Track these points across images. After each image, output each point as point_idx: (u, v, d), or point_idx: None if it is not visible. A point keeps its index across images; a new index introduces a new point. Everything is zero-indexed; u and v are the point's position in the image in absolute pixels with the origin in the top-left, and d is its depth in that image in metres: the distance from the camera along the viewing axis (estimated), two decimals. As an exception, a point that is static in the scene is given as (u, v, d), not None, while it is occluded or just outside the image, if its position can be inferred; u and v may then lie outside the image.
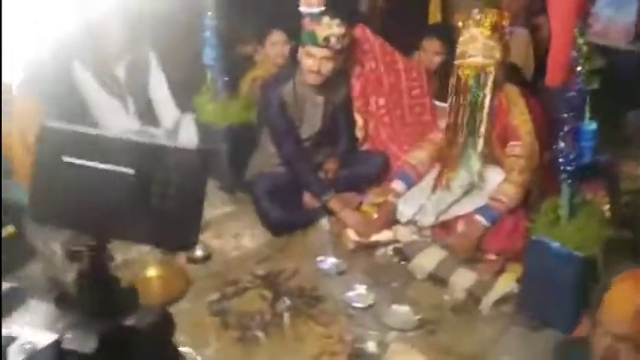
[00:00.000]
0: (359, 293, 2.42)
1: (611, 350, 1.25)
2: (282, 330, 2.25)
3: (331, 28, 2.77)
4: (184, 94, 3.23)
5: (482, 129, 2.53)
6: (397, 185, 2.78)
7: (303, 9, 2.93)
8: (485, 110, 2.51)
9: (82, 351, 0.83)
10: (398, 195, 2.75)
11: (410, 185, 2.76)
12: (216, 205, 3.01)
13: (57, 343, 0.84)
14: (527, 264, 2.30)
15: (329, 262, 2.61)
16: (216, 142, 3.04)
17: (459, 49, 2.55)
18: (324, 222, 2.83)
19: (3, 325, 0.88)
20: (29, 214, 0.93)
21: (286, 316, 2.31)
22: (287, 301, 2.37)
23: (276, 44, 3.25)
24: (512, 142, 2.56)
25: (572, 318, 1.99)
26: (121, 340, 0.86)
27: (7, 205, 2.36)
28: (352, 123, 3.11)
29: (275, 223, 2.81)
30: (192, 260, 2.63)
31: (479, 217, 2.50)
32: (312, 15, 2.87)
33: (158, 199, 0.84)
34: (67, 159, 0.86)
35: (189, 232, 0.88)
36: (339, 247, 2.72)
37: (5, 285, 0.99)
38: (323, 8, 2.89)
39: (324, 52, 2.77)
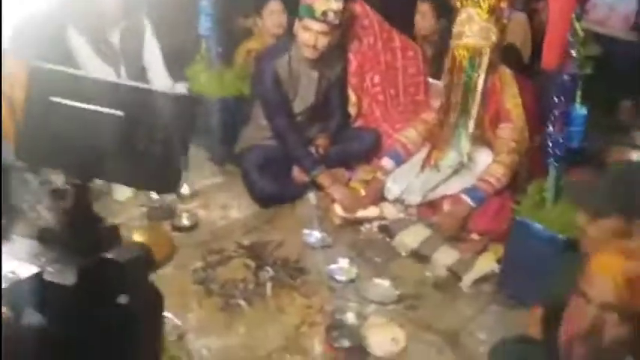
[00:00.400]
0: (342, 267, 2.44)
1: (598, 320, 1.25)
2: (264, 299, 2.27)
3: (329, 3, 2.75)
4: (178, 64, 3.21)
5: (475, 110, 2.52)
6: (386, 163, 2.78)
7: (302, -18, 2.90)
8: (478, 91, 2.51)
9: (63, 283, 0.84)
10: (387, 172, 2.76)
11: (399, 163, 2.77)
12: (205, 176, 3.02)
13: (39, 275, 0.85)
14: (510, 244, 2.32)
15: (314, 235, 2.63)
16: (208, 112, 3.03)
17: (455, 30, 2.54)
18: (312, 196, 2.84)
19: None
20: (15, 153, 0.93)
21: (269, 285, 2.32)
22: (270, 271, 2.39)
23: (273, 13, 3.23)
24: (503, 125, 2.56)
25: (557, 300, 2.01)
26: (100, 273, 0.88)
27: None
28: (346, 99, 3.11)
29: (263, 196, 2.81)
30: (178, 229, 2.65)
31: (465, 197, 2.51)
32: (310, -11, 2.84)
33: (144, 143, 0.86)
34: (55, 99, 0.86)
35: (173, 176, 0.90)
36: (325, 221, 2.73)
37: None
38: (322, -18, 2.85)
39: (321, 26, 2.75)
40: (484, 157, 2.57)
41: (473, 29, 2.47)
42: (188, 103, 0.91)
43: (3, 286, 0.86)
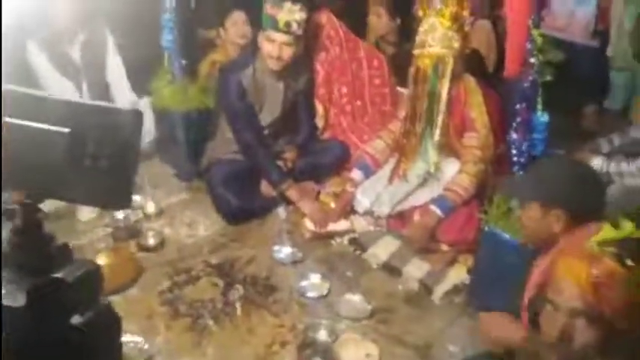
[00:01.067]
0: (313, 283, 2.41)
1: (568, 327, 1.27)
2: (233, 319, 2.23)
3: (292, 14, 2.72)
4: (142, 78, 3.14)
5: (440, 119, 2.52)
6: (355, 175, 2.76)
7: (265, -7, 2.87)
8: (443, 101, 2.50)
9: (12, 305, 0.84)
10: (356, 185, 2.74)
11: (368, 175, 2.75)
12: (170, 193, 2.96)
13: None
14: (479, 255, 2.32)
15: (284, 251, 2.59)
16: (172, 127, 2.98)
17: (418, 39, 2.53)
18: (281, 211, 2.80)
19: None
20: None
21: (238, 304, 2.28)
22: (240, 290, 2.35)
23: (237, 24, 3.20)
24: (468, 134, 2.56)
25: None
26: (50, 293, 0.88)
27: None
28: (313, 111, 3.08)
29: (231, 212, 2.77)
30: (144, 248, 2.59)
31: (433, 208, 2.50)
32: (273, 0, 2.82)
33: (91, 159, 0.86)
34: (4, 119, 0.86)
35: (122, 192, 0.90)
36: (295, 236, 2.70)
37: None
38: (285, -7, 2.83)
39: (285, 37, 2.72)
40: (451, 167, 2.57)
41: (435, 38, 2.47)
42: (134, 117, 0.91)
43: None
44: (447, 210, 2.48)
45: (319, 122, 3.09)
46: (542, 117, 2.22)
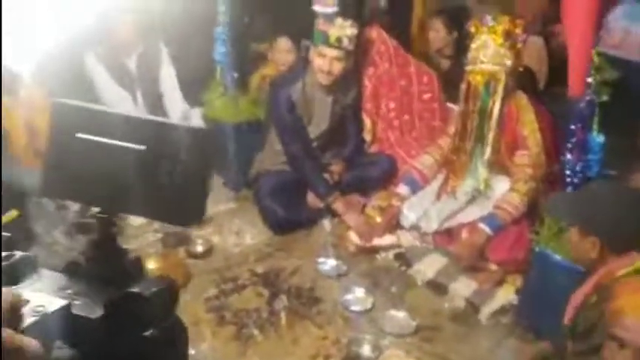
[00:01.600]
0: (357, 296, 2.41)
1: None
2: (278, 329, 2.25)
3: (343, 29, 2.76)
4: (194, 89, 3.24)
5: (490, 136, 2.50)
6: (402, 190, 2.76)
7: (316, 8, 2.92)
8: (494, 118, 2.48)
9: (90, 316, 0.86)
10: (403, 199, 2.73)
11: (415, 190, 2.75)
12: (219, 201, 3.02)
13: (67, 307, 0.86)
14: (529, 275, 2.27)
15: (329, 263, 2.61)
16: (223, 137, 3.05)
17: (470, 55, 2.52)
18: (327, 223, 2.82)
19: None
20: (41, 190, 0.96)
21: (283, 315, 2.30)
22: (284, 300, 2.37)
23: (281, 52, 3.25)
24: (520, 152, 2.52)
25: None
26: (126, 306, 0.89)
27: (13, 190, 2.37)
28: (361, 125, 3.10)
29: (277, 222, 2.80)
30: (193, 255, 2.65)
31: (482, 226, 2.47)
32: (325, 15, 2.86)
33: (165, 176, 0.87)
34: (79, 135, 0.89)
35: (195, 209, 0.91)
36: (340, 249, 2.71)
37: (17, 253, 1.02)
38: (336, 9, 2.88)
39: (336, 52, 2.76)
40: (502, 185, 2.53)
41: (487, 55, 2.45)
42: (207, 136, 0.93)
43: (33, 319, 0.87)
44: (496, 228, 2.45)
45: (367, 136, 3.10)
46: (598, 137, 2.18)
